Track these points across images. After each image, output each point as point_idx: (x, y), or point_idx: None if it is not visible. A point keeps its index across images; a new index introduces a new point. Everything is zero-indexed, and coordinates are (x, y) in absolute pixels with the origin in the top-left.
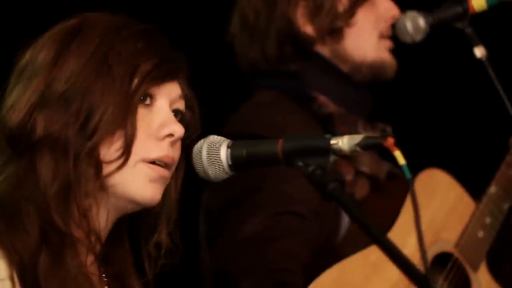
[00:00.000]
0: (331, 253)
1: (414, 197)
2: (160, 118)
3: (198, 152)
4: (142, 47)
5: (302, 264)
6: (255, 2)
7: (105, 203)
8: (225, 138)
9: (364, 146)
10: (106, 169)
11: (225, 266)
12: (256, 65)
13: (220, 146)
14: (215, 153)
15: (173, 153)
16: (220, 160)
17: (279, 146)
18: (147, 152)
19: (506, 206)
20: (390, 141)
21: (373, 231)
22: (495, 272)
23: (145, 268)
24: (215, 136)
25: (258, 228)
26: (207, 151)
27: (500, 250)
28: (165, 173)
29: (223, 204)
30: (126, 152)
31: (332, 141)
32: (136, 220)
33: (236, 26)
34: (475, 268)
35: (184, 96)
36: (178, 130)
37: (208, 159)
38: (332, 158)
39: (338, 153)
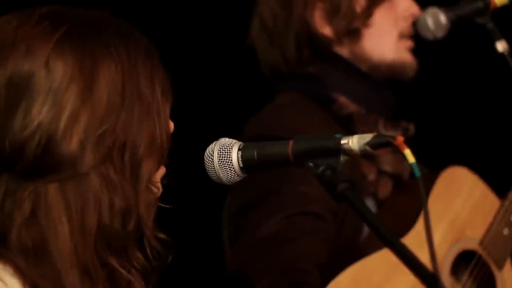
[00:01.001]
0: (354, 252)
1: (423, 196)
2: None
3: (209, 155)
4: (150, 66)
5: (320, 264)
6: (272, 5)
7: None
8: (236, 141)
9: (373, 145)
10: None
11: (242, 266)
12: (277, 68)
13: (231, 148)
14: (226, 156)
15: None
16: (232, 162)
17: (290, 147)
18: None
19: None
20: (399, 139)
21: (383, 232)
22: None
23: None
24: (226, 139)
25: (275, 229)
26: (218, 154)
27: None
28: (164, 170)
29: (242, 206)
30: (162, 163)
31: (342, 141)
32: None
33: (255, 29)
34: (500, 266)
35: None
36: (172, 127)
37: (219, 162)
38: (342, 158)
39: (349, 153)
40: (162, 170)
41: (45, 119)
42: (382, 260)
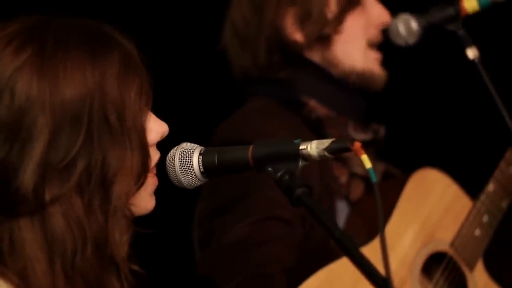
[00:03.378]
0: (326, 255)
1: (379, 202)
2: (147, 127)
3: (171, 160)
4: (124, 70)
5: (287, 268)
6: (244, 10)
7: None
8: (197, 145)
9: (332, 150)
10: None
11: (210, 270)
12: (248, 72)
13: (192, 153)
14: (187, 160)
15: None
16: (192, 167)
17: (249, 152)
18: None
19: (505, 204)
20: (357, 145)
21: (337, 236)
22: (495, 271)
23: None
24: (188, 143)
25: (243, 234)
26: (179, 159)
27: (499, 249)
28: (157, 181)
29: (211, 211)
30: (143, 179)
31: (301, 147)
32: None
33: (227, 34)
34: (471, 267)
35: None
36: (166, 130)
37: (180, 167)
38: (301, 163)
39: (307, 158)
40: (153, 182)
41: (1, 152)
42: (351, 264)
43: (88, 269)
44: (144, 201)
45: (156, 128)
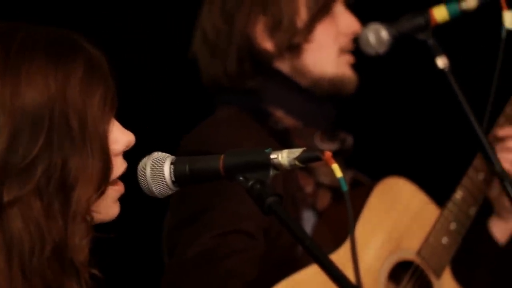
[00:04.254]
0: (293, 265)
1: (350, 211)
2: (113, 136)
3: (142, 169)
4: (88, 77)
5: (249, 282)
6: (214, 19)
7: None
8: (169, 155)
9: (302, 160)
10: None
11: (172, 284)
12: (218, 81)
13: (163, 162)
14: (159, 169)
15: None
16: (164, 176)
17: (221, 161)
18: (113, 175)
19: (473, 211)
20: (327, 154)
21: (308, 244)
22: (464, 278)
23: None
24: (159, 153)
25: (206, 247)
26: (150, 168)
27: (468, 256)
28: (123, 188)
29: (177, 222)
30: (104, 185)
31: (272, 156)
32: None
33: (197, 42)
34: (438, 275)
35: None
36: (132, 139)
37: (152, 176)
38: (272, 172)
39: (278, 167)
40: (117, 190)
41: None
42: (316, 272)
43: (46, 271)
44: (107, 208)
45: (121, 138)
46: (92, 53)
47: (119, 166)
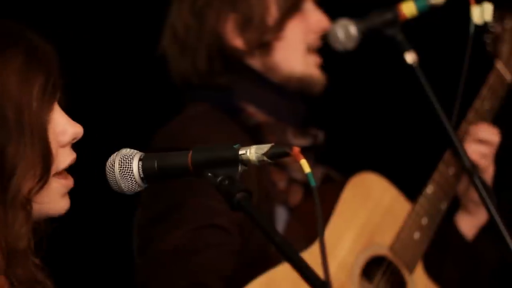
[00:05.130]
0: (266, 263)
1: (318, 206)
2: (59, 127)
3: (111, 166)
4: (25, 62)
5: (224, 277)
6: (184, 16)
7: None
8: (137, 151)
9: (271, 155)
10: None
11: (146, 280)
12: (187, 78)
13: (132, 159)
14: (127, 166)
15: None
16: (132, 173)
17: (189, 157)
18: (57, 164)
19: (444, 206)
20: (295, 150)
21: (277, 241)
22: (434, 273)
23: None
24: (128, 149)
25: (180, 242)
26: (119, 165)
27: (439, 251)
28: (72, 182)
29: (150, 218)
30: (46, 175)
31: (240, 152)
32: None
33: (167, 39)
34: (411, 270)
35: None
36: (80, 131)
37: (120, 173)
38: (240, 168)
39: (247, 163)
40: (64, 184)
41: None
42: (289, 270)
43: None
44: (53, 201)
45: (68, 129)
46: (34, 43)
47: (65, 157)
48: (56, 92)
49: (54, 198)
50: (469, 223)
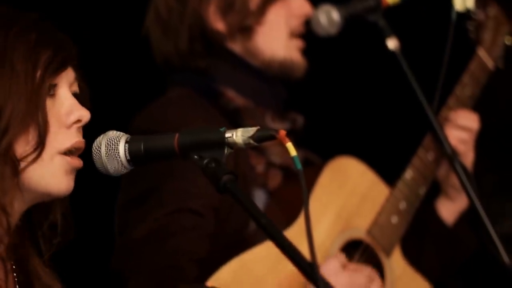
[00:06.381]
0: (242, 246)
1: (305, 188)
2: (65, 106)
3: (97, 147)
4: (35, 38)
5: (199, 260)
6: None
7: (21, 197)
8: (124, 133)
9: (257, 138)
10: (22, 165)
11: (120, 264)
12: (170, 59)
13: (118, 141)
14: (114, 148)
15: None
16: (119, 155)
17: (176, 140)
18: (60, 143)
19: (422, 190)
20: (282, 133)
21: (264, 223)
22: (414, 258)
23: (41, 247)
24: (114, 131)
25: (154, 226)
26: (106, 147)
27: (417, 236)
28: (79, 163)
29: (126, 203)
30: (41, 145)
31: (227, 135)
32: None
33: (150, 20)
34: (388, 254)
35: (77, 79)
36: (85, 114)
37: (107, 155)
38: (227, 151)
39: (233, 146)
40: (69, 161)
41: None
42: (265, 252)
43: None
44: (56, 176)
45: (72, 110)
46: (47, 25)
47: (69, 138)
48: (63, 68)
49: (56, 173)
50: (449, 209)
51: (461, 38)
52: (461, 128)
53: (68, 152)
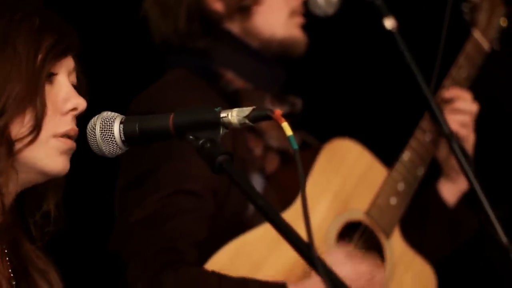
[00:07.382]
0: (241, 228)
1: (301, 168)
2: (63, 93)
3: (92, 128)
4: (39, 24)
5: (198, 242)
6: None
7: (15, 178)
8: (118, 114)
9: (252, 118)
10: (18, 146)
11: (119, 247)
12: (168, 40)
13: (113, 122)
14: (109, 129)
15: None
16: (114, 136)
17: (170, 120)
18: (56, 127)
19: (420, 172)
20: (277, 113)
21: (260, 204)
22: (415, 240)
23: (33, 234)
24: (109, 112)
25: (152, 209)
26: (100, 127)
27: (418, 218)
28: (73, 144)
29: (125, 185)
30: (37, 128)
31: (222, 115)
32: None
33: (148, 1)
34: (388, 235)
35: (76, 69)
36: (82, 103)
37: (101, 135)
38: (222, 131)
39: (228, 126)
40: (64, 142)
41: None
42: (263, 234)
43: None
44: (51, 156)
45: (69, 98)
46: (53, 14)
47: (64, 124)
48: (64, 55)
49: (52, 154)
50: (450, 190)
51: (457, 20)
52: (461, 112)
53: (62, 136)
